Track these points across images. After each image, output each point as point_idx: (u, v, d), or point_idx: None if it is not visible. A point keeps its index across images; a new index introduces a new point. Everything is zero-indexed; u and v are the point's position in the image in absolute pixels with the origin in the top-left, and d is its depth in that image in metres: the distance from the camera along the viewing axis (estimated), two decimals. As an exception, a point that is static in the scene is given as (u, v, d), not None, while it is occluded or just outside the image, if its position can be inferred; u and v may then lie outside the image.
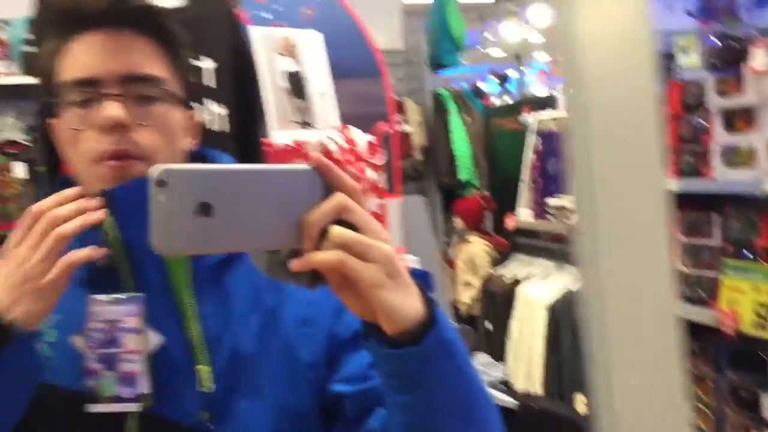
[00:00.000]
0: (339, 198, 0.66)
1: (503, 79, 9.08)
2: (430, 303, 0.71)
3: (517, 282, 3.46)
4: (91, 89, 0.86)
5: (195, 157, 0.97)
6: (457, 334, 0.75)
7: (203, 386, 0.88)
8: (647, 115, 1.04)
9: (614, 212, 1.09)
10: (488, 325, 3.59)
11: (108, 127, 0.84)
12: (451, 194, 4.93)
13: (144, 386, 0.86)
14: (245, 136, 1.21)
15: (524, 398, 1.30)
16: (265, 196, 0.64)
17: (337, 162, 1.42)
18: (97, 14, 0.87)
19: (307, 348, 0.94)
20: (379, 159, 1.40)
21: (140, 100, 0.87)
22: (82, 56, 0.87)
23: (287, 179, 0.65)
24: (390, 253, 0.67)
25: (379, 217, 1.37)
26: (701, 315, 2.40)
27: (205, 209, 0.61)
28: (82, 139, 0.87)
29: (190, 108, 0.98)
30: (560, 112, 3.88)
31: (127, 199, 0.84)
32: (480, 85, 7.59)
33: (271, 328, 0.93)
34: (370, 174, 1.38)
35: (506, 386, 1.37)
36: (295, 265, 0.65)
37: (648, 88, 1.03)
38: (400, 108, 4.62)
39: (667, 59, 2.57)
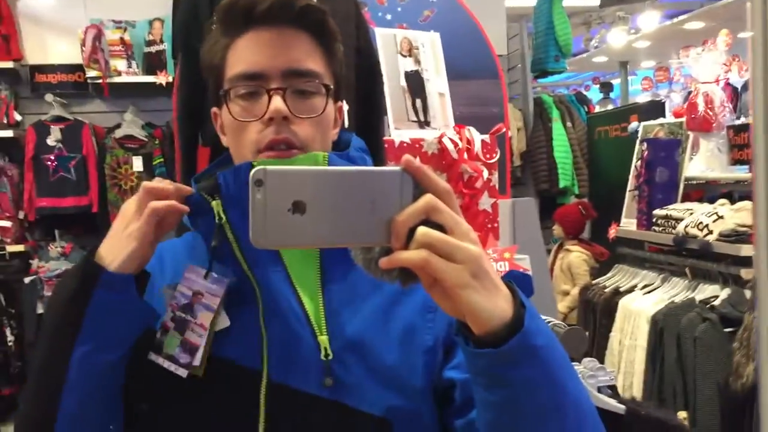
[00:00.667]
0: (428, 199, 0.68)
1: (607, 86, 8.89)
2: (520, 306, 0.71)
3: (618, 292, 3.38)
4: (256, 83, 0.94)
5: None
6: (551, 339, 0.74)
7: (324, 355, 0.92)
8: None
9: None
10: (585, 335, 3.52)
11: (272, 118, 0.92)
12: (549, 201, 4.87)
13: (198, 359, 0.91)
14: (367, 133, 1.26)
15: (632, 404, 1.28)
16: (357, 196, 0.66)
17: (453, 161, 1.45)
18: (263, 12, 0.94)
19: (429, 333, 0.97)
20: (494, 159, 1.42)
21: (300, 93, 0.95)
22: (249, 52, 0.95)
23: (378, 180, 0.67)
24: (477, 254, 0.68)
25: (492, 215, 1.40)
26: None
27: (299, 207, 0.65)
28: (246, 130, 0.95)
29: (340, 100, 1.04)
30: (669, 119, 3.77)
31: (231, 183, 0.93)
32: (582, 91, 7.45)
33: (393, 309, 0.97)
34: (486, 173, 1.41)
35: (614, 391, 1.36)
36: (383, 262, 0.68)
37: None
38: (501, 113, 4.61)
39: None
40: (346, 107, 1.43)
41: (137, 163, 4.09)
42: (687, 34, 6.71)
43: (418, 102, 1.51)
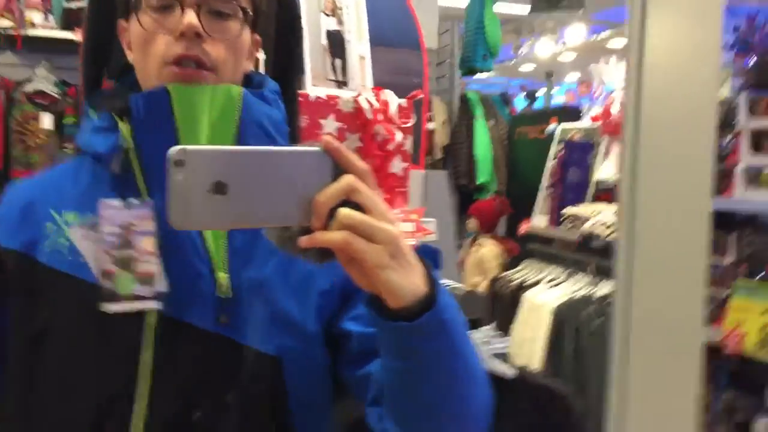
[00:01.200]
0: (348, 179, 0.69)
1: (532, 96, 9.11)
2: (433, 283, 0.75)
3: (523, 286, 3.47)
4: None
5: (247, 78, 1.01)
6: (456, 312, 0.79)
7: (221, 292, 0.91)
8: (704, 135, 1.02)
9: (655, 228, 1.07)
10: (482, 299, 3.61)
11: (183, 33, 0.89)
12: (467, 197, 4.95)
13: (162, 285, 0.89)
14: (282, 84, 1.25)
15: (521, 370, 1.33)
16: (277, 176, 0.67)
17: (367, 121, 1.45)
18: None
19: (325, 277, 0.97)
20: (409, 123, 1.42)
21: (216, 14, 0.91)
22: None
23: (298, 160, 0.68)
24: (395, 235, 0.70)
25: (402, 180, 1.41)
26: (706, 333, 2.42)
27: (219, 188, 0.64)
28: (155, 42, 0.91)
29: (256, 32, 1.01)
30: (586, 123, 3.89)
31: (142, 108, 0.90)
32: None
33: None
34: (399, 137, 1.41)
35: (505, 359, 1.41)
36: (303, 241, 0.68)
37: (709, 107, 1.00)
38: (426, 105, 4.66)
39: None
40: (263, 56, 1.41)
41: (47, 120, 3.90)
42: (611, 51, 6.95)
43: (338, 62, 1.49)
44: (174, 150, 0.64)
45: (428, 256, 0.78)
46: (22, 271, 0.94)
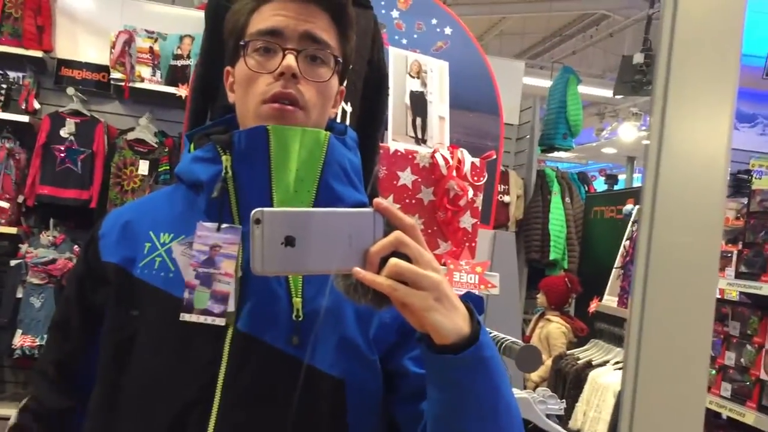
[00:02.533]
0: (396, 234, 0.79)
1: (612, 179, 9.03)
2: (475, 324, 0.83)
3: (590, 365, 3.40)
4: (274, 39, 1.02)
5: (329, 125, 1.11)
6: (495, 351, 0.87)
7: (295, 316, 0.98)
8: (713, 233, 1.10)
9: (664, 309, 1.13)
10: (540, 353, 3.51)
11: (282, 74, 1.00)
12: (538, 272, 4.91)
13: (231, 305, 0.97)
14: (364, 136, 1.34)
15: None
16: (337, 232, 0.78)
17: (441, 176, 1.52)
18: None
19: (387, 312, 1.02)
20: (481, 181, 1.49)
21: (312, 59, 1.03)
22: (271, 14, 1.03)
23: (355, 219, 0.79)
24: (439, 282, 0.79)
25: (470, 234, 1.46)
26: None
27: (290, 241, 0.77)
28: (257, 82, 1.02)
29: (343, 83, 1.12)
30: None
31: (244, 142, 1.00)
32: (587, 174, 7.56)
33: None
34: (471, 193, 1.47)
35: (560, 419, 1.40)
36: (355, 273, 0.78)
37: (718, 209, 1.08)
38: (504, 178, 4.71)
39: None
40: (349, 109, 1.52)
41: (143, 166, 4.17)
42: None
43: (419, 120, 1.58)
44: (254, 211, 0.76)
45: (472, 302, 0.86)
46: (119, 283, 1.04)
